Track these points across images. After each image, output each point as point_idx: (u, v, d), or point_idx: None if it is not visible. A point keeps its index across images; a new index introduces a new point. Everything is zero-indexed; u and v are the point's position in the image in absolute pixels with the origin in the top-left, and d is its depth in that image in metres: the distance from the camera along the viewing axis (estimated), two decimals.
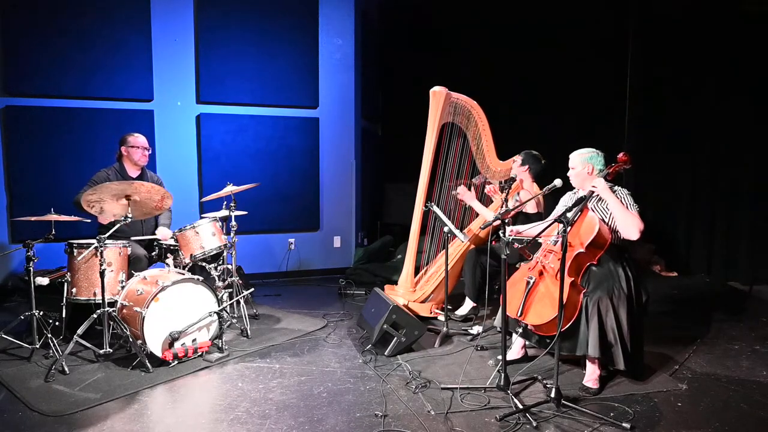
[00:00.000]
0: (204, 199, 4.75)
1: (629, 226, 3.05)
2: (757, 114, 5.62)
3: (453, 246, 4.57)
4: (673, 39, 5.99)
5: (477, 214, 4.63)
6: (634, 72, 6.19)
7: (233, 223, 4.36)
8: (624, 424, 2.70)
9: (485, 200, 4.71)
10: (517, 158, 4.37)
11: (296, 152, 6.16)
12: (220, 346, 3.68)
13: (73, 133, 5.30)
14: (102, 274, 3.44)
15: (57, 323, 3.78)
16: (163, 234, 4.24)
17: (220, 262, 4.26)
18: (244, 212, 4.52)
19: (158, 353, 3.47)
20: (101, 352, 3.49)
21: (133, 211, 3.59)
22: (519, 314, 3.11)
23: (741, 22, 5.60)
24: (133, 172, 4.36)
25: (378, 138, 7.76)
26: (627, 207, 3.11)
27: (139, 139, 4.31)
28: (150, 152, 4.40)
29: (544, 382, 3.19)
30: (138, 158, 4.29)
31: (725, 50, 5.72)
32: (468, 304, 4.51)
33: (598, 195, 3.18)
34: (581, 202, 3.13)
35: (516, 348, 3.54)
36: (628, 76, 6.21)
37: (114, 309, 3.57)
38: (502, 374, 2.96)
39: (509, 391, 2.94)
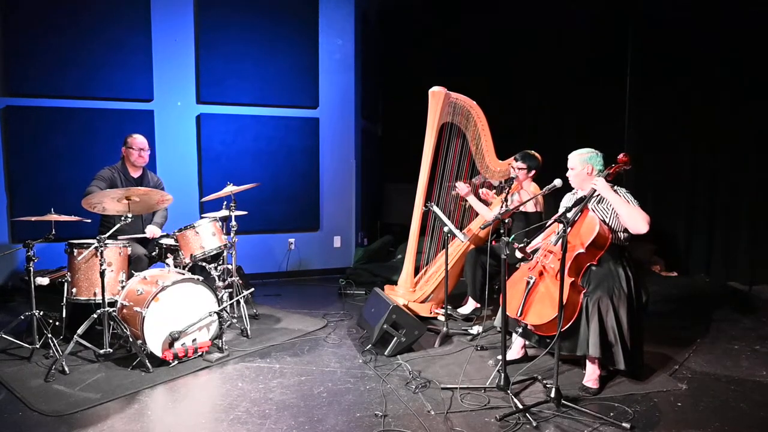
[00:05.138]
0: (204, 199, 4.75)
1: (637, 220, 3.04)
2: (757, 114, 5.61)
3: (453, 246, 4.57)
4: (674, 38, 5.99)
5: (477, 214, 4.63)
6: (634, 72, 6.19)
7: (233, 223, 4.37)
8: (624, 424, 2.70)
9: (483, 202, 4.71)
10: (515, 158, 4.36)
11: (296, 152, 6.16)
12: (220, 346, 3.68)
13: (74, 133, 5.30)
14: (102, 274, 3.45)
15: (57, 323, 3.78)
16: (152, 231, 4.24)
17: (220, 262, 4.26)
18: (244, 212, 4.52)
19: (158, 353, 3.47)
20: (101, 352, 3.49)
21: (134, 209, 3.58)
22: (519, 314, 3.12)
23: (742, 21, 5.59)
24: (135, 172, 4.36)
25: (378, 138, 7.76)
26: (629, 203, 3.11)
27: (136, 140, 4.31)
28: (149, 153, 4.39)
29: (544, 382, 3.19)
30: (134, 159, 4.29)
31: (726, 50, 5.72)
32: (471, 304, 4.51)
33: (598, 195, 3.18)
34: (581, 203, 3.13)
35: (516, 348, 3.54)
36: (627, 75, 6.21)
37: (114, 309, 3.57)
38: (502, 374, 2.96)
39: (509, 391, 2.94)
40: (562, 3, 6.48)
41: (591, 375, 3.15)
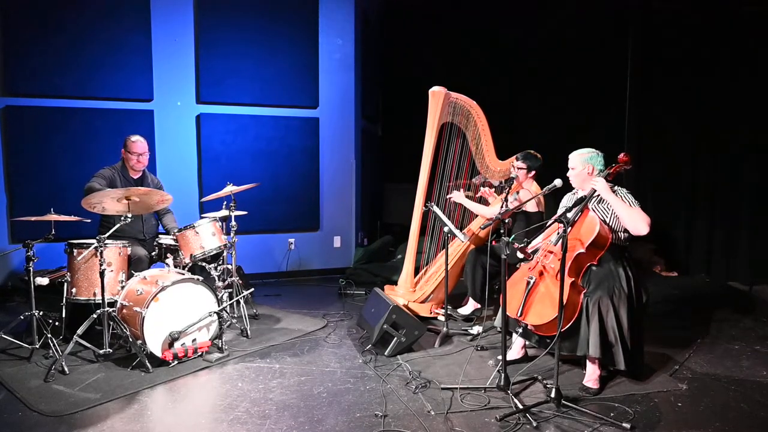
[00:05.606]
0: (204, 199, 4.75)
1: (637, 221, 3.04)
2: (757, 114, 5.61)
3: (453, 246, 4.57)
4: (674, 38, 5.99)
5: (477, 214, 4.63)
6: (634, 72, 6.19)
7: (233, 223, 4.36)
8: (624, 424, 2.70)
9: (483, 201, 4.71)
10: (516, 158, 4.36)
11: (296, 152, 6.15)
12: (220, 346, 3.68)
13: (73, 133, 5.30)
14: (102, 274, 3.45)
15: (57, 323, 3.78)
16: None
17: (220, 262, 4.26)
18: (244, 212, 4.52)
19: (158, 353, 3.46)
20: (101, 352, 3.49)
21: (133, 209, 3.58)
22: (519, 314, 3.11)
23: (742, 21, 5.60)
24: (134, 173, 4.35)
25: (378, 138, 7.76)
26: (629, 204, 3.11)
27: (136, 144, 4.23)
28: (148, 157, 4.34)
29: (544, 382, 3.19)
30: (133, 164, 4.26)
31: (726, 50, 5.72)
32: (471, 304, 4.51)
33: (598, 195, 3.18)
34: (581, 203, 3.13)
35: (516, 348, 3.54)
36: (628, 76, 6.21)
37: (114, 309, 3.57)
38: (502, 374, 2.96)
39: (509, 391, 2.94)
40: (562, 3, 6.48)
41: (591, 375, 3.15)
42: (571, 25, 6.45)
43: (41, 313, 3.62)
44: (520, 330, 3.32)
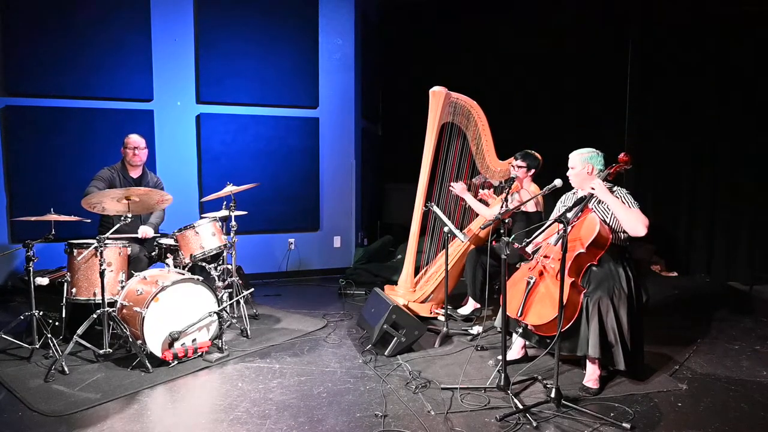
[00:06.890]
0: (204, 199, 4.75)
1: (634, 222, 3.04)
2: (757, 114, 5.62)
3: (453, 246, 4.57)
4: (674, 39, 5.99)
5: (477, 214, 4.63)
6: (634, 72, 6.19)
7: (233, 223, 4.36)
8: (624, 424, 2.70)
9: (482, 203, 4.70)
10: (515, 157, 4.36)
11: (296, 152, 6.16)
12: (220, 346, 3.68)
13: (73, 132, 5.30)
14: (102, 274, 3.44)
15: (57, 323, 3.78)
16: (143, 231, 4.15)
17: (220, 262, 4.26)
18: (244, 212, 4.52)
19: (158, 353, 3.46)
20: (101, 352, 3.49)
21: (133, 209, 3.58)
22: (519, 314, 3.11)
23: (742, 21, 5.60)
24: (134, 172, 4.37)
25: (378, 138, 7.76)
26: (628, 206, 3.11)
27: (130, 139, 4.34)
28: (146, 152, 4.38)
29: (544, 382, 3.19)
30: (129, 158, 4.32)
31: (726, 50, 5.72)
32: (471, 304, 4.51)
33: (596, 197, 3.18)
34: (581, 203, 3.13)
35: (516, 348, 3.54)
36: (628, 75, 6.22)
37: (114, 309, 3.57)
38: (502, 374, 2.96)
39: (509, 391, 2.94)
40: (563, 3, 6.49)
41: (591, 375, 3.15)
42: (572, 24, 6.46)
43: (41, 313, 3.62)
44: (520, 330, 3.32)
